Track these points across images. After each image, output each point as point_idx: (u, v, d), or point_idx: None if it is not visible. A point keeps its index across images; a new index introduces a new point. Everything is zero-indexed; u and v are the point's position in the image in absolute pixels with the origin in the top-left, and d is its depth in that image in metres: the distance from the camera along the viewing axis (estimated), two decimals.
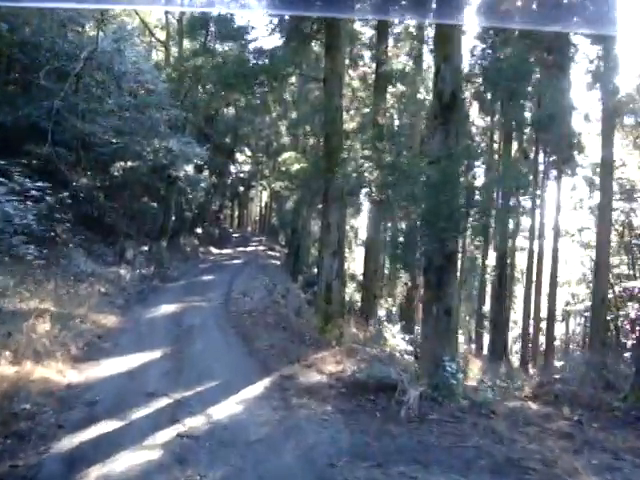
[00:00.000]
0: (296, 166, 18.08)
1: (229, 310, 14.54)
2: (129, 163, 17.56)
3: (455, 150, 6.76)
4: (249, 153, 37.85)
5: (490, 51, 13.27)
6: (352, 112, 18.98)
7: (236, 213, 56.51)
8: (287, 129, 40.12)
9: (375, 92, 15.76)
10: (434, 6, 9.47)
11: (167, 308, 14.03)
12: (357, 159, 11.34)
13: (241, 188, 36.33)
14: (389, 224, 19.91)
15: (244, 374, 8.44)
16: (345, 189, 11.66)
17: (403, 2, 12.47)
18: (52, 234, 13.59)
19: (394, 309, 22.16)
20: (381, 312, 20.46)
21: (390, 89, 17.12)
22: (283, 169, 20.50)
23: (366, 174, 11.12)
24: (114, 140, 14.91)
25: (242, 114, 35.10)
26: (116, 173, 17.44)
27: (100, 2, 15.16)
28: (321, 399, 7.19)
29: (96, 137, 14.55)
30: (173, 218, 22.76)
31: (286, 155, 20.52)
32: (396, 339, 13.48)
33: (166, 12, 25.24)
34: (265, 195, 53.06)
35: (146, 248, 19.45)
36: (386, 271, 27.73)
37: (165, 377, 7.97)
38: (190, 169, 19.60)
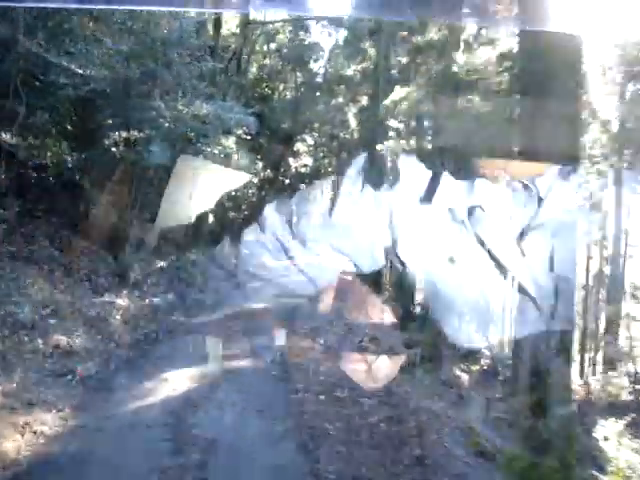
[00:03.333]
0: None
1: (291, 386, 7.75)
2: (134, 133, 11.15)
3: None
4: (312, 143, 31.25)
5: None
6: None
7: (293, 218, 50.18)
8: None
9: None
10: None
11: (176, 382, 7.40)
12: None
13: (302, 186, 29.76)
14: None
15: None
16: None
17: None
18: None
19: None
20: None
21: None
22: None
23: None
24: (85, 73, 8.37)
25: (303, 93, 28.69)
26: (114, 149, 11.05)
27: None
28: None
29: (58, 71, 8.11)
30: (211, 219, 16.35)
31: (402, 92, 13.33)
32: None
33: None
34: (327, 197, 46.41)
35: (165, 263, 13.02)
36: None
37: None
38: (231, 145, 13.01)
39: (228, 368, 8.66)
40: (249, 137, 14.73)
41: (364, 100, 35.00)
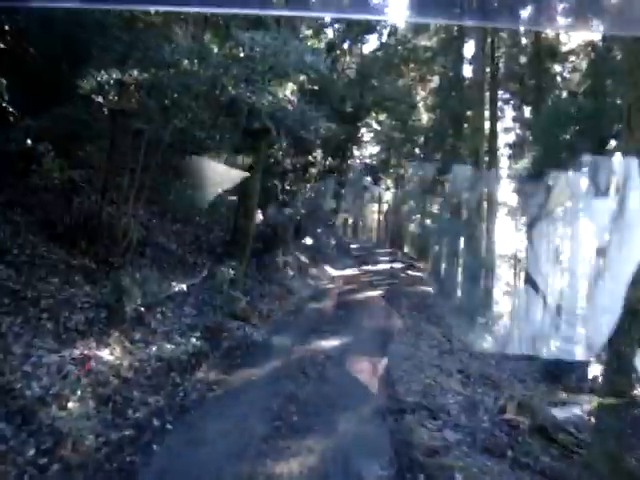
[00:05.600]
0: None
1: None
2: (134, 73, 6.75)
3: None
4: (377, 129, 26.40)
5: None
6: None
7: (350, 219, 45.28)
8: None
9: None
10: None
11: None
12: None
13: (367, 179, 24.91)
14: None
15: None
16: None
17: None
18: None
19: None
20: None
21: None
22: None
23: None
24: None
25: (366, 69, 23.87)
26: (99, 99, 6.66)
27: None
28: None
29: None
30: (260, 217, 11.82)
31: None
32: None
33: None
34: (388, 195, 41.44)
35: (190, 282, 8.53)
36: None
37: None
38: (289, 95, 8.31)
39: None
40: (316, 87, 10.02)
41: (435, 80, 30.10)
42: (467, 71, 24.86)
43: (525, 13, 19.87)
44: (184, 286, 8.00)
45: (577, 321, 14.56)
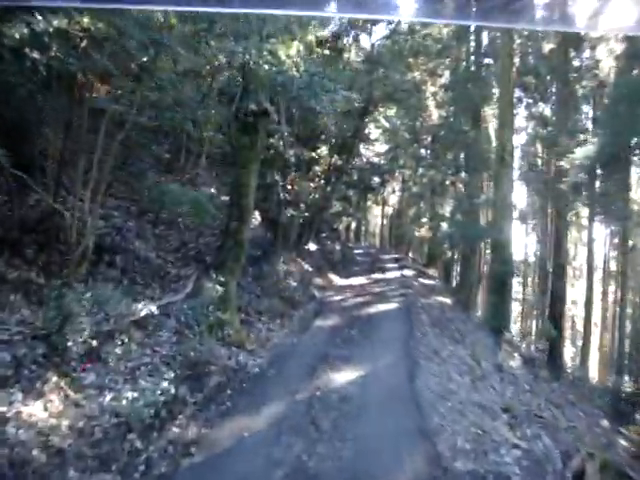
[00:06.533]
0: None
1: None
2: (85, 21, 4.93)
3: None
4: (387, 125, 24.46)
5: None
6: None
7: (353, 223, 43.33)
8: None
9: None
10: None
11: None
12: None
13: (376, 179, 23.03)
14: None
15: None
16: None
17: None
18: None
19: None
20: None
21: None
22: None
23: None
24: None
25: (373, 62, 21.98)
26: (35, 54, 4.87)
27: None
28: None
29: None
30: (258, 219, 9.98)
31: None
32: None
33: None
34: (394, 197, 39.57)
35: (167, 300, 6.71)
36: None
37: None
38: (295, 56, 6.47)
39: None
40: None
41: (446, 75, 28.26)
42: (483, 62, 23.11)
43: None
44: (158, 306, 6.17)
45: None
